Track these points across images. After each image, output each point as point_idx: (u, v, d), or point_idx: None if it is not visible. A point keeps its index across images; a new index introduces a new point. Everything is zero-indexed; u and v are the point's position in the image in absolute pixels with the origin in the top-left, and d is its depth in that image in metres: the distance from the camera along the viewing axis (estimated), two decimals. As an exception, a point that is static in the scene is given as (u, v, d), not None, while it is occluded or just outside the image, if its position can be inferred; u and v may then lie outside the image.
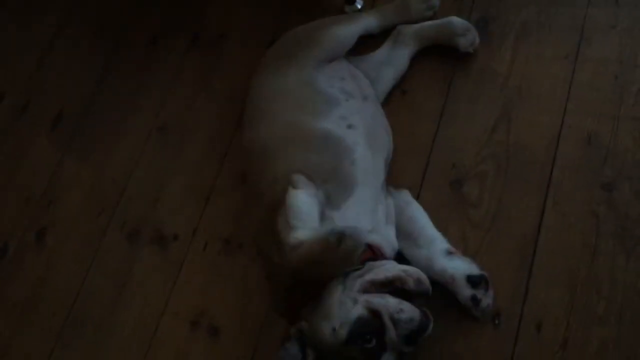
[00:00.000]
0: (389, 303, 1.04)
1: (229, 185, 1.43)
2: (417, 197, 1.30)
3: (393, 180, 1.31)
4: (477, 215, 1.27)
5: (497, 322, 1.18)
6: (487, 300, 1.16)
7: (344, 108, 1.27)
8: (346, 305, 1.04)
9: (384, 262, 1.11)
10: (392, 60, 1.41)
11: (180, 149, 1.49)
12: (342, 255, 1.05)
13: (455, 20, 1.39)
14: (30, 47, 1.69)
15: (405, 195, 1.26)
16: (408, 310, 1.03)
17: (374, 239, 1.15)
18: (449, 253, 1.19)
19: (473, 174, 1.31)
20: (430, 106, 1.39)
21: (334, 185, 1.17)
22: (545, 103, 1.34)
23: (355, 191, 1.18)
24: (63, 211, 1.49)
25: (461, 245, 1.24)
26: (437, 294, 1.11)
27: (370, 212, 1.18)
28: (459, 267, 1.17)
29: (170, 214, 1.43)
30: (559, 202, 1.25)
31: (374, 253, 1.13)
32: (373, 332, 1.02)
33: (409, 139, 1.36)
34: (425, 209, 1.26)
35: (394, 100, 1.41)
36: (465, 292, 1.15)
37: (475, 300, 1.15)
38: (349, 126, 1.25)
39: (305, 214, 1.09)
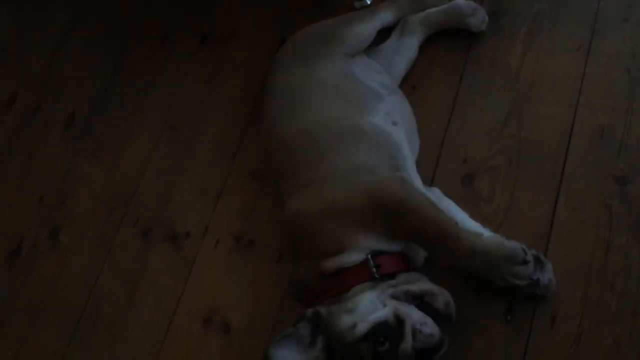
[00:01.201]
0: (415, 314, 1.04)
1: (239, 182, 1.43)
2: (428, 193, 1.30)
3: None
4: (488, 210, 1.27)
5: (509, 317, 1.17)
6: (548, 274, 1.14)
7: (387, 103, 1.26)
8: (375, 306, 1.04)
9: (418, 275, 1.11)
10: (402, 50, 1.40)
11: (190, 148, 1.50)
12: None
13: (461, 1, 1.38)
14: (41, 47, 1.70)
15: (437, 192, 1.25)
16: (431, 326, 1.03)
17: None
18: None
19: (484, 168, 1.31)
20: (441, 101, 1.39)
21: None
22: (557, 97, 1.33)
23: None
24: (76, 210, 1.50)
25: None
26: (450, 291, 1.10)
27: None
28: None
29: (182, 212, 1.44)
30: (572, 197, 1.24)
31: (407, 265, 1.12)
32: (391, 337, 1.02)
33: (419, 134, 1.35)
34: (437, 204, 1.25)
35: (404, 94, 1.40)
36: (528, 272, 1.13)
37: (536, 283, 1.13)
38: (394, 123, 1.24)
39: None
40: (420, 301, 1.06)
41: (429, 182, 1.31)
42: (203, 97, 1.55)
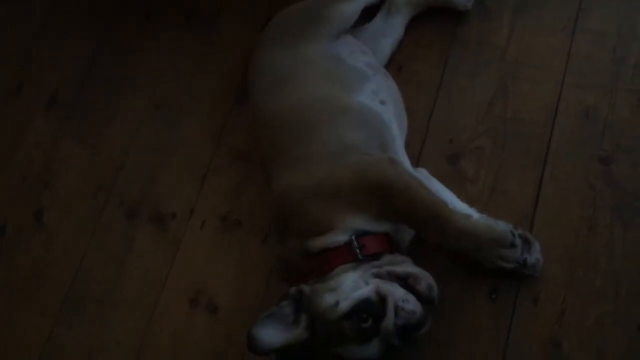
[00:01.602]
0: (397, 291, 1.05)
1: (225, 162, 1.43)
2: (414, 173, 1.30)
3: (390, 156, 1.31)
4: (474, 189, 1.27)
5: (493, 296, 1.19)
6: (535, 254, 1.15)
7: (374, 83, 1.26)
8: (358, 284, 1.05)
9: (402, 257, 1.11)
10: (388, 30, 1.40)
11: (176, 127, 1.49)
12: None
13: None
14: (22, 26, 1.67)
15: (424, 172, 1.25)
16: (413, 303, 1.04)
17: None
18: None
19: (470, 148, 1.31)
20: (427, 81, 1.38)
21: None
22: (543, 76, 1.33)
23: None
24: (60, 191, 1.49)
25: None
26: (435, 271, 1.11)
27: None
28: None
29: (167, 193, 1.43)
30: (557, 176, 1.25)
31: (391, 246, 1.13)
32: (373, 314, 1.03)
33: (406, 114, 1.35)
34: (422, 184, 1.26)
35: (390, 75, 1.39)
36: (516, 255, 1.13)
37: (524, 262, 1.14)
38: (382, 102, 1.24)
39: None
40: (403, 283, 1.06)
41: (415, 161, 1.31)
42: (188, 77, 1.53)
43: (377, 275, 1.07)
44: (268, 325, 1.05)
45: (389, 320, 1.03)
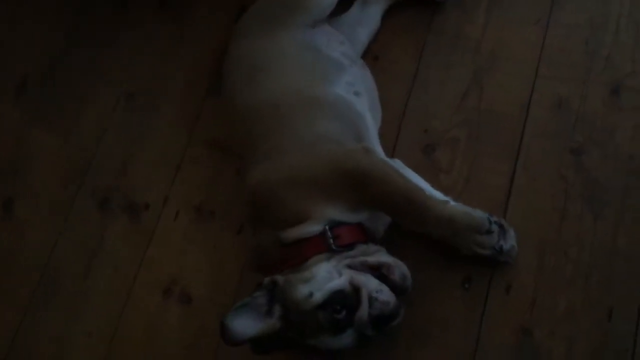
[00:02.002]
0: (371, 282, 1.05)
1: (200, 153, 1.41)
2: (389, 163, 1.31)
3: (365, 146, 1.31)
4: (448, 180, 1.28)
5: (466, 285, 1.20)
6: (510, 241, 1.15)
7: (350, 74, 1.25)
8: (331, 275, 1.05)
9: (376, 247, 1.12)
10: (365, 20, 1.39)
11: (149, 116, 1.47)
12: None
13: None
14: (-8, 11, 1.63)
15: (399, 163, 1.25)
16: (387, 293, 1.05)
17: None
18: None
19: (445, 139, 1.31)
20: (403, 72, 1.38)
21: None
22: (517, 68, 1.34)
23: None
24: (30, 180, 1.46)
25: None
26: (408, 261, 1.11)
27: None
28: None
29: (140, 183, 1.41)
30: (529, 167, 1.26)
31: (365, 236, 1.13)
32: (347, 305, 1.03)
33: (382, 104, 1.35)
34: (397, 174, 1.26)
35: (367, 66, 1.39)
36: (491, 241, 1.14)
37: (500, 249, 1.14)
38: (356, 93, 1.24)
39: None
40: (377, 273, 1.07)
41: (390, 151, 1.31)
42: (162, 64, 1.51)
43: (351, 266, 1.07)
44: (241, 315, 1.05)
45: (363, 311, 1.03)
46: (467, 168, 1.28)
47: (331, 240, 1.09)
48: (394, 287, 1.06)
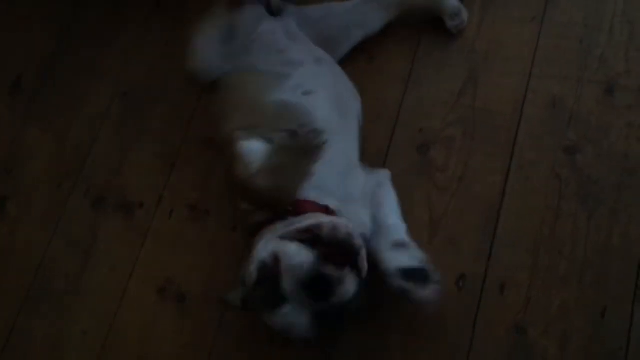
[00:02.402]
0: (287, 248, 1.01)
1: (194, 151, 1.41)
2: (384, 162, 1.31)
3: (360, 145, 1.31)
4: (443, 179, 1.28)
5: (461, 284, 1.20)
6: (421, 293, 1.07)
7: (294, 78, 1.23)
8: (263, 249, 1.04)
9: (323, 215, 1.07)
10: (365, 23, 1.36)
11: (144, 115, 1.47)
12: (301, 149, 1.06)
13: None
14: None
15: (381, 177, 1.23)
16: (300, 256, 1.00)
17: (342, 213, 1.11)
18: (398, 245, 1.12)
19: (440, 138, 1.31)
20: (398, 70, 1.38)
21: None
22: (512, 66, 1.34)
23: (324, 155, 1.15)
24: (24, 179, 1.46)
25: (426, 209, 1.25)
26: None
27: (340, 175, 1.16)
28: (398, 259, 1.09)
29: (135, 181, 1.41)
30: (524, 166, 1.26)
31: (323, 209, 1.09)
32: (269, 277, 1.01)
33: (376, 103, 1.35)
34: (392, 172, 1.26)
35: (361, 65, 1.39)
36: (395, 283, 1.08)
37: (404, 292, 1.08)
38: (305, 92, 1.21)
39: (256, 152, 1.10)
40: (309, 236, 1.02)
41: (385, 151, 1.32)
42: (156, 62, 1.51)
43: (283, 237, 1.04)
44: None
45: (286, 281, 0.99)
46: (462, 167, 1.28)
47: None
48: (331, 246, 1.01)
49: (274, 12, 1.30)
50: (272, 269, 1.01)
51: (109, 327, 1.30)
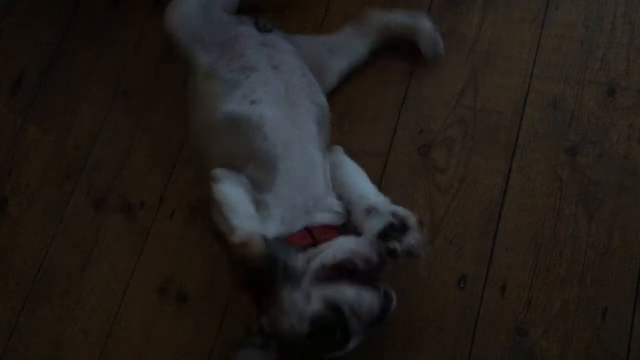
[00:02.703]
0: (347, 296, 1.01)
1: (195, 152, 1.41)
2: (385, 163, 1.31)
3: (361, 145, 1.31)
4: (444, 180, 1.28)
5: (462, 285, 1.20)
6: (408, 242, 1.06)
7: (244, 87, 1.21)
8: (300, 302, 1.02)
9: (326, 245, 1.06)
10: (349, 49, 1.35)
11: (145, 115, 1.46)
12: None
13: (427, 26, 1.33)
14: (-14, 9, 1.62)
15: (334, 158, 1.21)
16: (367, 300, 1.01)
17: (317, 219, 1.11)
18: (369, 212, 1.11)
19: (441, 139, 1.32)
20: (398, 72, 1.38)
21: (256, 167, 1.13)
22: (513, 67, 1.34)
23: (280, 167, 1.13)
24: (25, 180, 1.46)
25: (428, 210, 1.25)
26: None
27: (304, 186, 1.13)
28: (373, 226, 1.08)
29: (136, 182, 1.41)
30: (525, 167, 1.26)
31: (313, 238, 1.09)
32: (335, 325, 1.01)
33: (376, 104, 1.35)
34: (393, 174, 1.26)
35: (361, 66, 1.39)
36: (382, 250, 1.05)
37: (391, 254, 1.06)
38: (252, 102, 1.18)
39: (235, 204, 1.07)
40: (344, 270, 1.02)
41: (385, 152, 1.32)
42: (157, 63, 1.51)
43: (317, 278, 1.02)
44: (244, 356, 1.07)
45: (354, 323, 1.01)
46: (463, 168, 1.28)
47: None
48: (364, 276, 1.02)
49: (261, 31, 1.31)
50: (331, 318, 1.00)
51: (110, 327, 1.30)
